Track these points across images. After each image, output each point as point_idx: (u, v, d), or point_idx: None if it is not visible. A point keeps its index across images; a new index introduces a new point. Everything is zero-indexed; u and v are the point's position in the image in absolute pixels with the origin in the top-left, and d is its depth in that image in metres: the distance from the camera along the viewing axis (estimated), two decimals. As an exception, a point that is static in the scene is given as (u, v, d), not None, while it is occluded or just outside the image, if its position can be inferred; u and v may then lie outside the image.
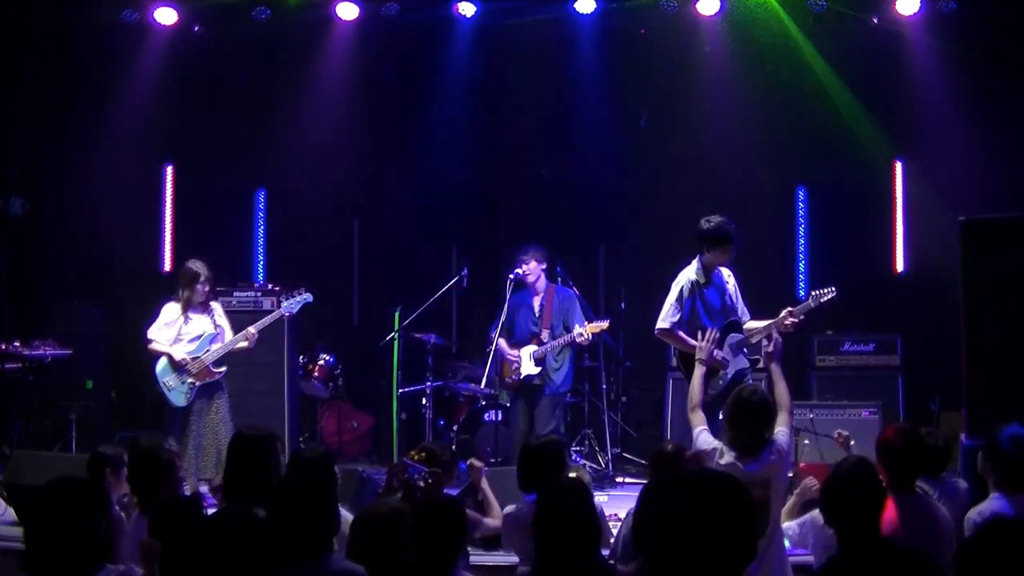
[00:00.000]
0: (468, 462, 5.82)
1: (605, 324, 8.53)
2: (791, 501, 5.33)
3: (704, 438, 5.22)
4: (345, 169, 11.18)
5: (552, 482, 4.38)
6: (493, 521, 5.37)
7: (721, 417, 5.24)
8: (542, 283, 8.71)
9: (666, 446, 5.37)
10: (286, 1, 10.24)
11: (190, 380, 7.81)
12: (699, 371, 5.65)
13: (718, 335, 6.32)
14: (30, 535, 3.33)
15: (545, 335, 8.62)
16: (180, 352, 7.83)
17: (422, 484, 4.92)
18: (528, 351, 8.60)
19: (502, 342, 8.74)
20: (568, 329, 8.54)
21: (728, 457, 5.01)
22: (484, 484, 5.57)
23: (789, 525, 5.07)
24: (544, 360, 8.57)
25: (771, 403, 5.14)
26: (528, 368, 8.58)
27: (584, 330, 8.38)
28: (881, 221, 10.51)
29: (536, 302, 8.72)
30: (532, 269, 8.64)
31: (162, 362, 7.84)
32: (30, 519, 3.37)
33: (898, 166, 10.52)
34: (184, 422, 7.80)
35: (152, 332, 7.92)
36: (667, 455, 5.21)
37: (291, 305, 8.32)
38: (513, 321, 8.77)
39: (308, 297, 8.36)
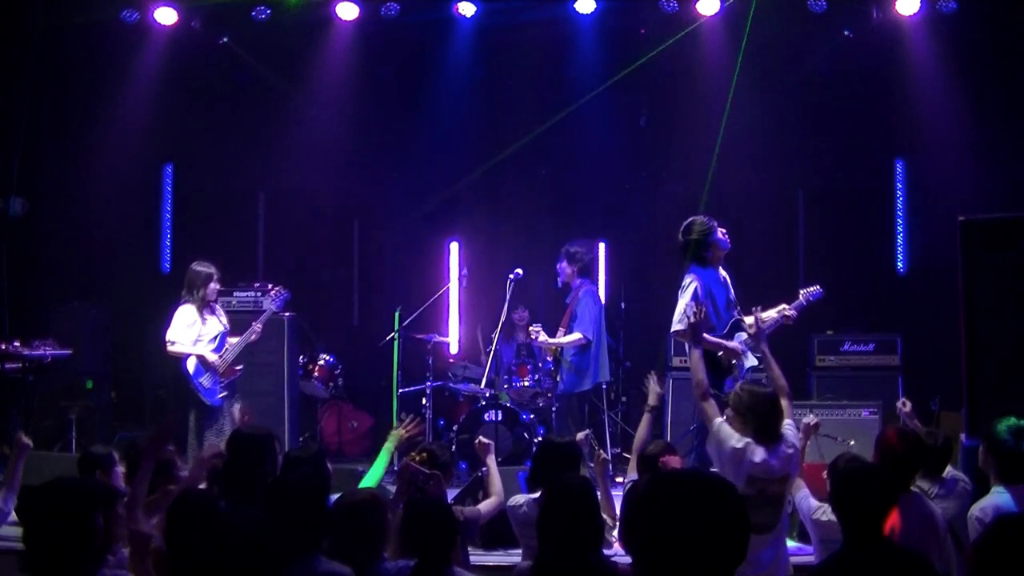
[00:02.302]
0: (476, 440, 5.76)
1: (550, 343, 8.73)
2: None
3: (728, 431, 5.05)
4: (345, 169, 11.18)
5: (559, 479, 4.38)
6: (490, 502, 5.35)
7: (731, 413, 5.17)
8: (577, 282, 8.86)
9: (651, 447, 5.35)
10: (286, 1, 10.24)
11: (220, 379, 7.92)
12: (696, 354, 5.49)
13: (703, 311, 6.06)
14: (29, 536, 3.31)
15: (560, 334, 8.79)
16: (210, 352, 7.89)
17: (422, 487, 4.93)
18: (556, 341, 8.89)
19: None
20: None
21: (760, 454, 4.94)
22: (490, 460, 5.56)
23: (806, 494, 5.10)
24: (560, 359, 8.79)
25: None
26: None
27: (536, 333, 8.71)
28: (881, 221, 10.51)
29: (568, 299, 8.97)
30: (562, 269, 8.85)
31: (192, 362, 7.86)
32: (29, 520, 3.36)
33: (898, 166, 10.53)
34: (214, 419, 7.87)
35: (173, 335, 7.88)
36: (655, 456, 5.21)
37: (271, 302, 8.45)
38: None
39: (285, 293, 8.53)
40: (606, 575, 3.81)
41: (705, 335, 6.92)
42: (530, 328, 8.89)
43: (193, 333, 7.92)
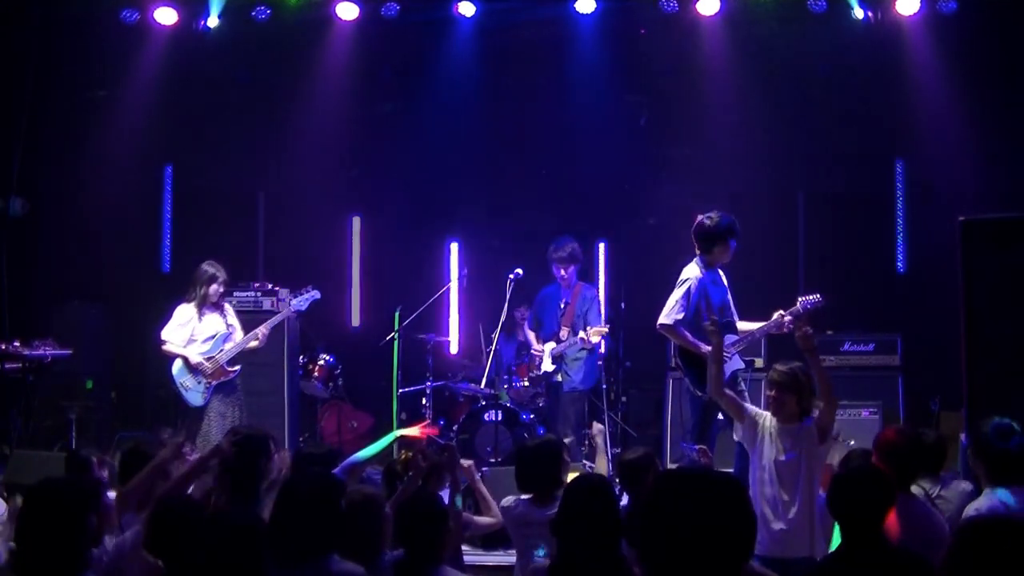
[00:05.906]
0: (445, 447, 5.69)
1: (605, 329, 8.76)
2: None
3: (755, 409, 5.32)
4: (345, 169, 11.17)
5: (574, 480, 4.39)
6: (486, 519, 5.34)
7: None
8: (574, 281, 8.98)
9: (629, 454, 5.35)
10: (286, 1, 10.24)
11: (206, 380, 7.89)
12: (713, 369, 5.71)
13: (714, 319, 6.11)
14: (19, 536, 3.30)
15: (564, 333, 8.87)
16: (195, 353, 7.88)
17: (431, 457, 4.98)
18: (549, 347, 8.93)
19: (531, 335, 9.16)
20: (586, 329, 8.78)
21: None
22: (478, 483, 5.55)
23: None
24: (562, 358, 8.85)
25: None
26: (547, 365, 8.91)
27: (586, 334, 8.60)
28: (881, 221, 10.51)
29: (564, 299, 8.97)
30: (573, 271, 8.99)
31: (177, 363, 7.90)
32: (23, 520, 3.35)
33: (898, 166, 10.53)
34: (198, 422, 7.87)
35: (166, 334, 7.95)
36: (634, 464, 5.20)
37: (300, 302, 8.47)
38: (542, 316, 9.12)
39: (316, 294, 8.53)
40: (625, 572, 3.81)
41: (686, 333, 6.96)
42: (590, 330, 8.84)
43: (186, 332, 7.93)
